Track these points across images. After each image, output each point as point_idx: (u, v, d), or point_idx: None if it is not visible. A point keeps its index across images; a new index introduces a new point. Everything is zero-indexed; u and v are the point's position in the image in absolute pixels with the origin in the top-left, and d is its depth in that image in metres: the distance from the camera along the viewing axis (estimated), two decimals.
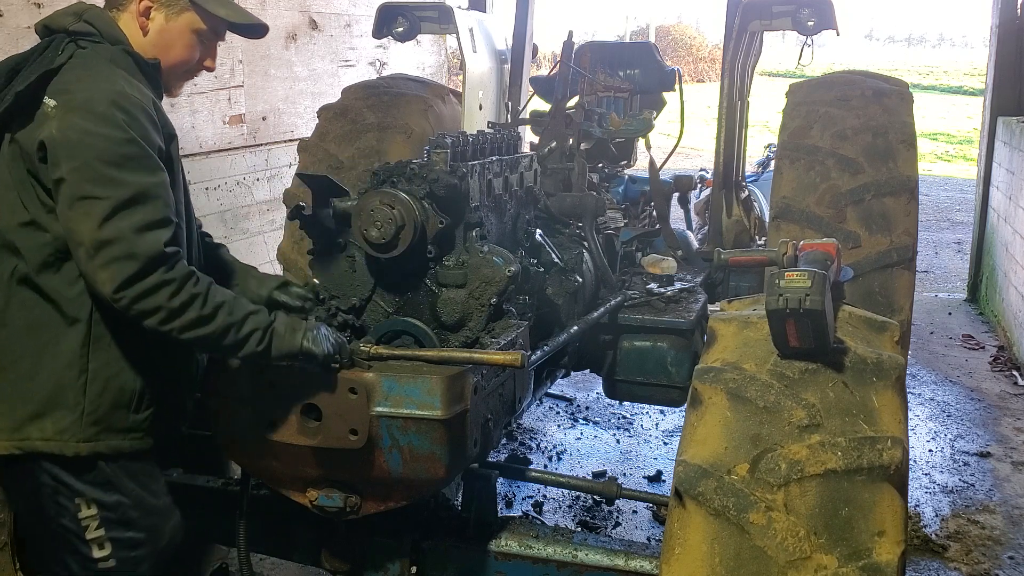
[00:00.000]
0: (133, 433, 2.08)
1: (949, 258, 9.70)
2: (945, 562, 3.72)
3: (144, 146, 1.93)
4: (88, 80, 1.96)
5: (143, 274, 1.87)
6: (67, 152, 1.87)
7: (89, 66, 2.00)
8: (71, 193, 1.87)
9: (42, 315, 2.01)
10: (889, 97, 3.70)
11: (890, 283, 3.37)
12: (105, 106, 1.90)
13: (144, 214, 1.89)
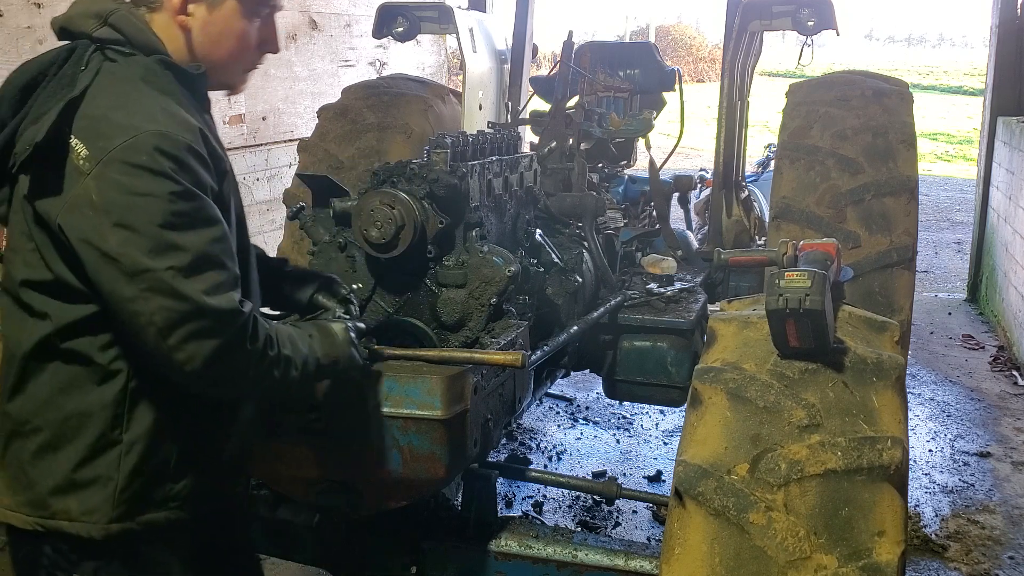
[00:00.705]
0: (172, 503, 1.78)
1: (949, 258, 9.70)
2: (945, 562, 3.72)
3: (197, 195, 1.62)
4: (122, 115, 1.60)
5: (228, 348, 1.63)
6: (111, 219, 1.56)
7: (121, 92, 1.65)
8: (126, 270, 1.57)
9: (68, 381, 1.72)
10: (889, 97, 3.71)
11: (890, 283, 3.37)
12: (148, 155, 1.57)
13: (213, 276, 1.62)
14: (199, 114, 1.75)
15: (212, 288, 1.61)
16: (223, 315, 1.61)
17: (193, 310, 1.59)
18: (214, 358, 1.61)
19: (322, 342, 1.89)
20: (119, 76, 1.66)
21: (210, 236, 1.63)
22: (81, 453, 1.72)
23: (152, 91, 1.67)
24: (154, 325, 1.59)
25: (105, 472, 1.72)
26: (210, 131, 1.76)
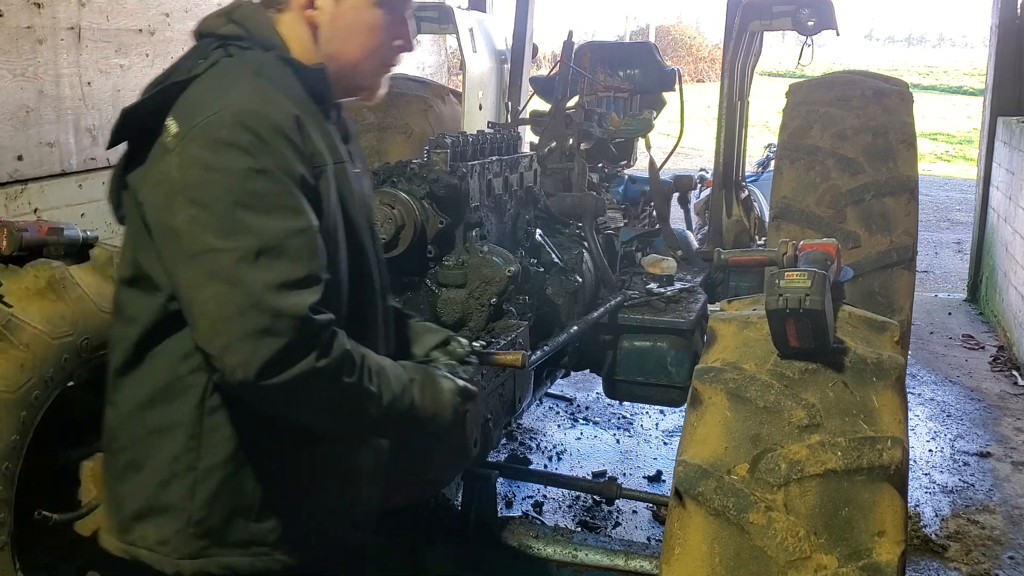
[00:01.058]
0: (256, 548, 1.58)
1: (949, 258, 9.70)
2: (945, 562, 3.72)
3: (281, 178, 1.44)
4: (215, 94, 1.49)
5: (288, 357, 1.39)
6: (185, 195, 1.42)
7: (224, 76, 1.53)
8: (187, 248, 1.41)
9: (151, 393, 1.56)
10: (889, 97, 3.71)
11: (890, 283, 3.37)
12: (229, 128, 1.43)
13: (283, 270, 1.40)
14: (316, 114, 1.60)
15: (280, 283, 1.39)
16: (286, 317, 1.38)
17: (251, 304, 1.37)
18: (270, 366, 1.37)
19: (424, 390, 1.65)
20: (231, 67, 1.55)
21: (290, 226, 1.43)
22: (159, 476, 1.55)
23: (259, 81, 1.53)
24: (206, 317, 1.39)
25: (179, 500, 1.54)
26: (320, 128, 1.58)
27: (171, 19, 4.65)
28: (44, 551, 2.71)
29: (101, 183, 4.24)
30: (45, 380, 2.42)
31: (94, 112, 4.21)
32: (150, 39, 4.51)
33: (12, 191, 3.78)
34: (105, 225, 4.21)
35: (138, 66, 4.44)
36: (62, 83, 4.02)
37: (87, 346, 2.56)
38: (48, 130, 3.96)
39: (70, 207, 4.04)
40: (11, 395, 2.35)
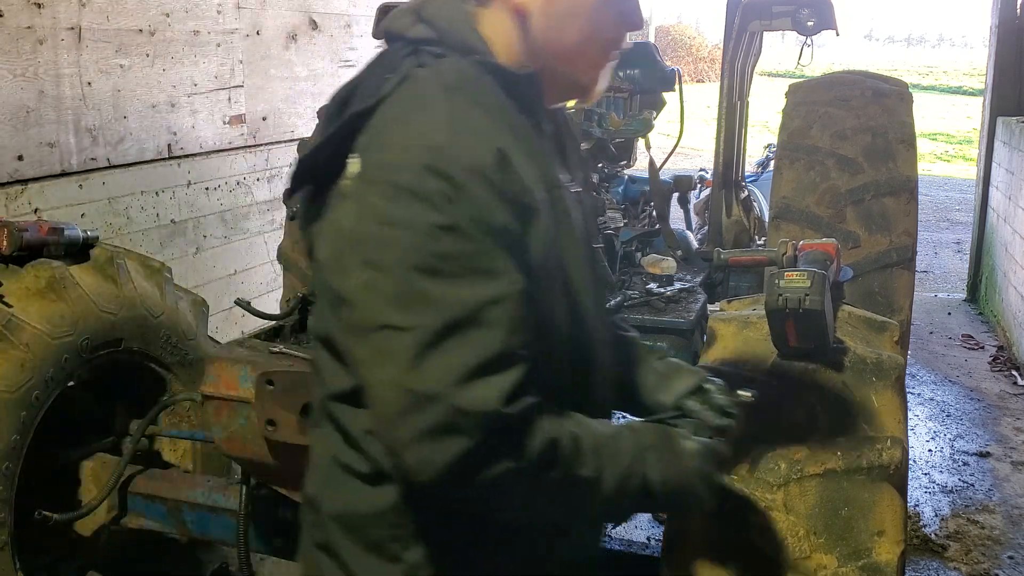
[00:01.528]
0: None
1: (949, 258, 9.70)
2: (945, 562, 3.72)
3: (475, 234, 1.16)
4: (402, 126, 1.21)
5: (476, 459, 1.15)
6: (360, 254, 1.17)
7: (413, 99, 1.24)
8: (360, 320, 1.17)
9: (337, 463, 1.33)
10: (889, 97, 3.71)
11: (890, 283, 3.37)
12: (413, 174, 1.15)
13: (471, 352, 1.14)
14: (526, 133, 1.31)
15: (467, 371, 1.13)
16: (473, 414, 1.13)
17: (431, 396, 1.12)
18: (455, 470, 1.14)
19: (663, 460, 1.34)
20: (422, 84, 1.25)
21: (483, 295, 1.15)
22: (361, 570, 1.32)
23: (455, 101, 1.23)
24: (381, 404, 1.17)
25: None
26: (530, 151, 1.28)
27: (171, 19, 4.65)
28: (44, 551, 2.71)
29: (101, 183, 4.24)
30: (45, 380, 2.42)
31: (94, 112, 4.21)
32: (150, 39, 4.51)
33: (12, 191, 3.78)
34: (105, 225, 4.21)
35: (138, 66, 4.45)
36: (62, 83, 4.02)
37: (87, 346, 2.56)
38: (48, 130, 3.97)
39: (70, 207, 4.04)
40: (11, 395, 2.35)
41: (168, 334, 2.84)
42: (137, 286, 2.75)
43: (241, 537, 2.43)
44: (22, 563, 2.43)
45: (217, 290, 5.01)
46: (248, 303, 2.63)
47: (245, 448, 2.22)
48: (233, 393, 2.18)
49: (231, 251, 5.28)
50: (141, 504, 2.71)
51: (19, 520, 2.43)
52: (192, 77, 4.84)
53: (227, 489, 2.65)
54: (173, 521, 2.68)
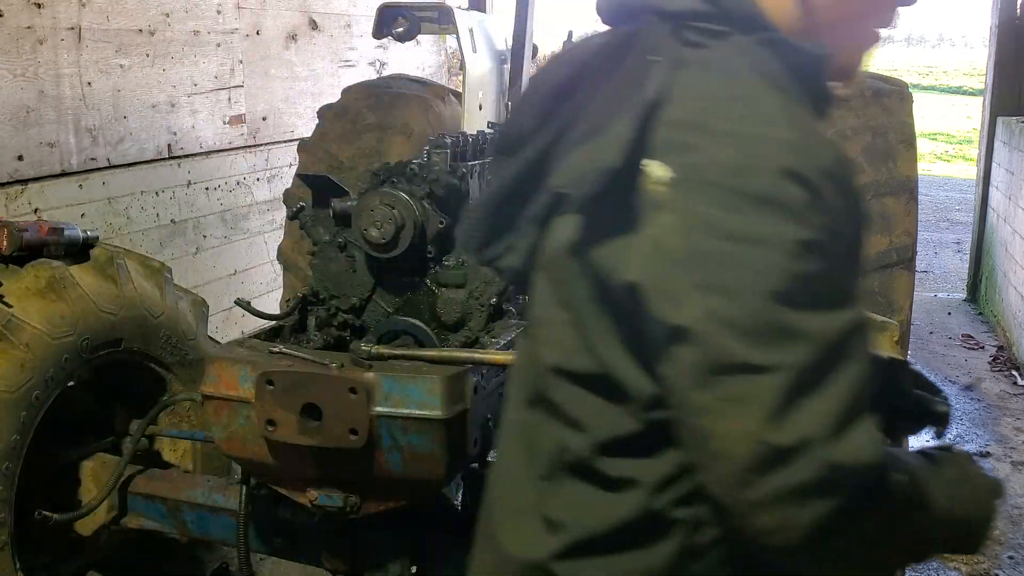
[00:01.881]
0: None
1: (949, 258, 9.70)
2: (945, 562, 3.72)
3: (834, 251, 0.95)
4: (726, 119, 0.97)
5: (848, 516, 0.96)
6: (697, 277, 0.94)
7: (723, 88, 1.01)
8: (703, 358, 0.94)
9: (613, 526, 1.08)
10: (889, 97, 3.71)
11: (890, 283, 3.37)
12: (768, 178, 0.93)
13: (845, 392, 0.94)
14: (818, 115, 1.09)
15: (840, 418, 0.93)
16: (850, 468, 0.93)
17: (800, 449, 0.92)
18: (823, 531, 0.95)
19: (958, 487, 1.13)
20: (715, 67, 1.03)
21: (847, 323, 0.95)
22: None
23: (778, 90, 1.01)
24: (730, 460, 0.95)
25: None
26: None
27: (171, 19, 4.65)
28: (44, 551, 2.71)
29: (101, 183, 4.24)
30: (45, 380, 2.43)
31: (94, 112, 4.21)
32: (150, 39, 4.51)
33: (12, 191, 3.78)
34: (105, 225, 4.22)
35: (138, 66, 4.45)
36: (62, 83, 4.02)
37: (87, 346, 2.56)
38: (48, 130, 3.97)
39: (70, 207, 4.04)
40: (11, 395, 2.35)
41: (168, 334, 2.84)
42: (137, 286, 2.75)
43: (241, 537, 2.43)
44: (22, 563, 2.43)
45: (217, 290, 5.01)
46: (248, 303, 2.63)
47: (245, 448, 2.22)
48: (233, 393, 2.18)
49: (231, 251, 5.29)
50: (141, 504, 2.71)
51: (19, 520, 2.43)
52: (192, 77, 4.84)
53: (227, 489, 2.65)
54: (173, 521, 2.68)
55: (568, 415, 1.10)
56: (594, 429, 1.07)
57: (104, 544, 2.83)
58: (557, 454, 1.11)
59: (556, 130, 1.12)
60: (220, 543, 2.95)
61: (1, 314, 2.39)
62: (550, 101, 1.14)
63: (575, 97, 1.11)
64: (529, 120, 1.16)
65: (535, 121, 1.15)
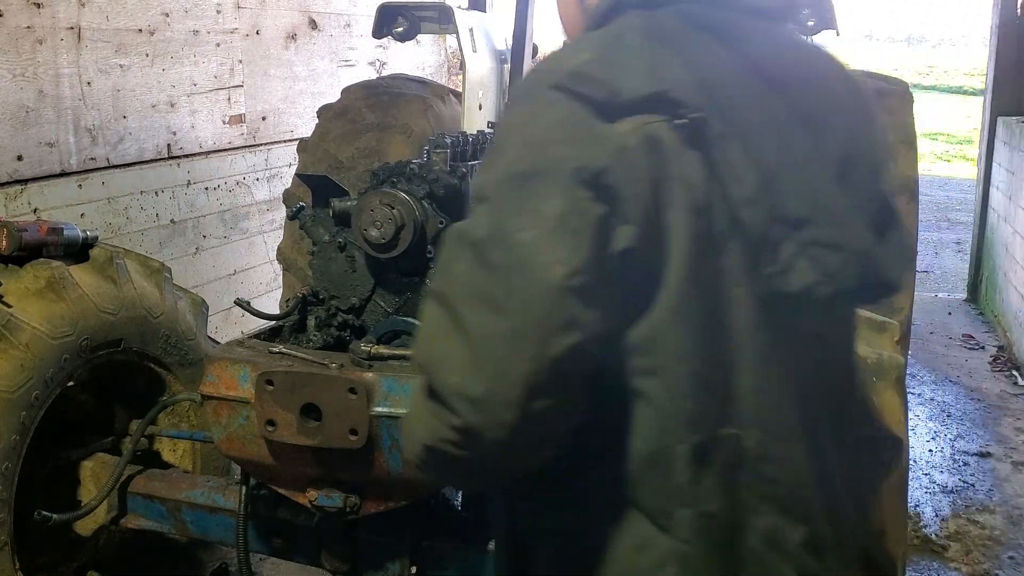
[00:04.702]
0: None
1: (949, 258, 9.69)
2: (945, 562, 3.72)
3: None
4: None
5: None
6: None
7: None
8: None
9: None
10: (889, 97, 3.70)
11: None
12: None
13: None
14: None
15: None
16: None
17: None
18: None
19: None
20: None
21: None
22: None
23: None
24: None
25: None
26: None
27: (171, 19, 4.65)
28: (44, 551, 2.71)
29: (101, 183, 4.24)
30: (45, 380, 2.42)
31: (94, 112, 4.20)
32: (150, 39, 4.51)
33: (12, 191, 3.78)
34: (105, 225, 4.21)
35: (138, 66, 4.44)
36: (62, 83, 4.02)
37: (87, 346, 2.56)
38: (48, 130, 3.96)
39: (70, 207, 4.04)
40: (11, 395, 2.35)
41: (168, 334, 2.84)
42: (137, 286, 2.75)
43: (241, 537, 2.43)
44: (22, 563, 2.43)
45: (217, 290, 5.01)
46: (248, 303, 2.63)
47: (245, 448, 2.22)
48: (233, 393, 2.18)
49: (231, 251, 5.28)
50: (141, 504, 2.71)
51: (19, 520, 2.43)
52: (192, 77, 4.83)
53: (227, 489, 2.65)
54: (173, 521, 2.68)
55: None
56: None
57: (104, 544, 2.83)
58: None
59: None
60: (220, 543, 2.95)
61: (1, 314, 2.39)
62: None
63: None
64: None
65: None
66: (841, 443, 1.13)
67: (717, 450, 1.02)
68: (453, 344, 0.99)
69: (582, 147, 0.98)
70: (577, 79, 0.99)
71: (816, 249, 1.01)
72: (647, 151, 0.98)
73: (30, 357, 2.38)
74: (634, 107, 0.99)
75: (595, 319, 0.97)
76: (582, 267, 0.96)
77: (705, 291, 1.00)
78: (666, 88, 0.99)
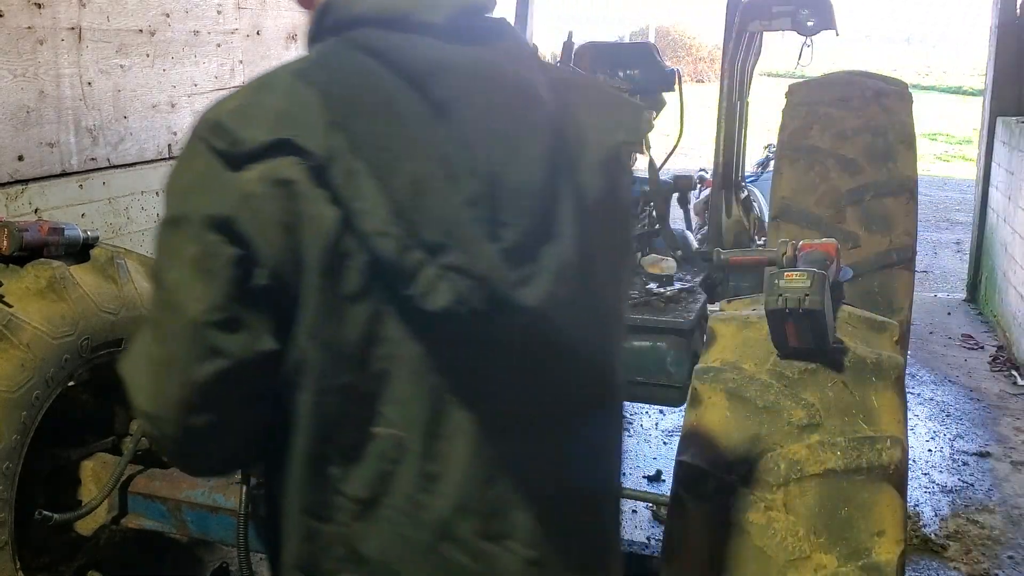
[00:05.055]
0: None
1: (948, 258, 9.70)
2: (945, 562, 3.72)
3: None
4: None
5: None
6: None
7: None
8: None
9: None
10: (889, 97, 3.71)
11: (890, 283, 3.37)
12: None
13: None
14: None
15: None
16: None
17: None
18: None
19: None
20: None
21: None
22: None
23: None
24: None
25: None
26: None
27: (171, 19, 4.66)
28: (44, 551, 2.72)
29: (101, 183, 4.25)
30: (45, 380, 2.42)
31: (94, 112, 4.21)
32: (150, 39, 4.51)
33: (12, 191, 3.78)
34: (105, 225, 4.22)
35: (138, 66, 4.45)
36: (62, 83, 4.02)
37: (87, 346, 2.56)
38: (48, 130, 3.97)
39: (70, 207, 4.05)
40: (11, 395, 2.35)
41: None
42: (137, 286, 2.75)
43: (241, 537, 2.43)
44: (22, 563, 2.43)
45: None
46: None
47: None
48: None
49: None
50: (141, 504, 2.71)
51: (19, 520, 2.43)
52: (192, 77, 4.84)
53: (227, 489, 2.65)
54: (173, 521, 2.68)
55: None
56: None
57: (104, 544, 2.83)
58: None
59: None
60: (220, 543, 2.95)
61: (1, 314, 2.39)
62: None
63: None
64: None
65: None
66: (573, 447, 1.26)
67: (369, 447, 1.14)
68: (139, 364, 1.17)
69: (212, 196, 1.10)
70: (211, 130, 1.11)
71: (452, 274, 1.08)
72: (275, 196, 1.08)
73: (31, 357, 2.39)
74: (259, 155, 1.08)
75: (239, 347, 1.11)
76: (219, 304, 1.09)
77: (343, 316, 1.11)
78: (290, 135, 1.07)
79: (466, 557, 1.18)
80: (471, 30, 1.17)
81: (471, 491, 1.17)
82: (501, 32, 1.23)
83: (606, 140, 1.25)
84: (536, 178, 1.14)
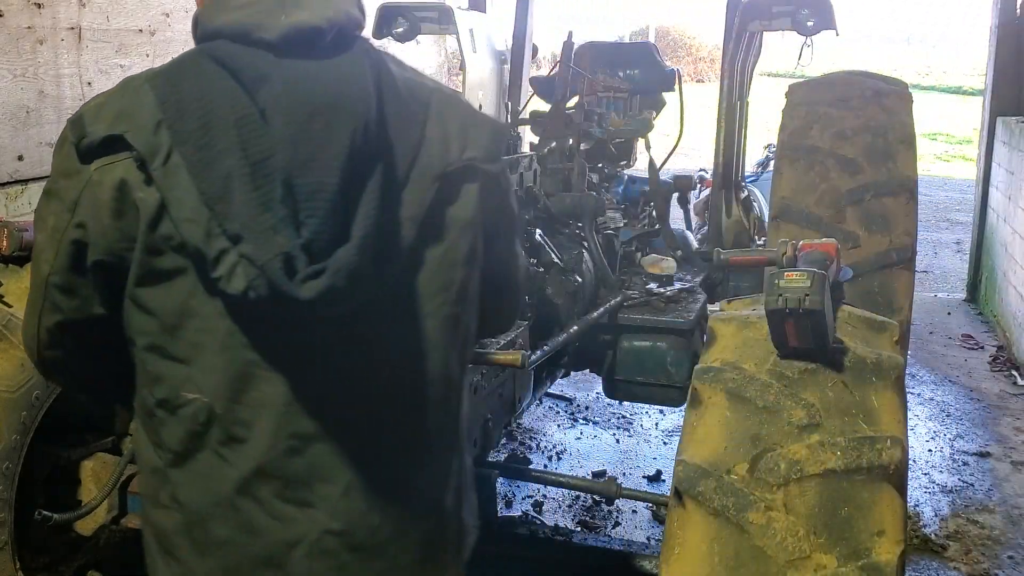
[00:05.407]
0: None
1: (948, 258, 9.70)
2: (945, 562, 3.72)
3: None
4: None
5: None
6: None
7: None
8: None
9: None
10: (889, 97, 3.71)
11: (889, 283, 3.37)
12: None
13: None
14: None
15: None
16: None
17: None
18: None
19: None
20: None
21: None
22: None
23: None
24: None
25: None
26: None
27: (171, 19, 4.66)
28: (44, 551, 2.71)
29: None
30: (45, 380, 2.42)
31: None
32: (150, 39, 4.51)
33: (12, 191, 3.78)
34: None
35: (138, 66, 4.45)
36: (62, 83, 4.02)
37: None
38: (48, 130, 3.97)
39: None
40: (11, 395, 2.35)
41: None
42: None
43: None
44: (22, 563, 2.43)
45: None
46: None
47: None
48: None
49: None
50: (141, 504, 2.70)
51: (19, 520, 2.43)
52: None
53: None
54: None
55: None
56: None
57: (104, 544, 2.83)
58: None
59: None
60: None
61: (1, 314, 2.39)
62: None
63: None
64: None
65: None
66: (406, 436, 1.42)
67: (181, 406, 1.33)
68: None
69: (67, 180, 1.31)
70: (72, 124, 1.30)
71: (245, 262, 1.22)
72: (111, 186, 1.27)
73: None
74: (101, 149, 1.27)
75: (73, 309, 1.38)
76: (59, 269, 1.34)
77: (161, 287, 1.30)
78: (123, 131, 1.26)
79: (264, 515, 1.34)
80: (305, 47, 1.31)
81: (273, 458, 1.32)
82: (342, 49, 1.34)
83: (449, 155, 1.37)
84: (331, 182, 1.25)
